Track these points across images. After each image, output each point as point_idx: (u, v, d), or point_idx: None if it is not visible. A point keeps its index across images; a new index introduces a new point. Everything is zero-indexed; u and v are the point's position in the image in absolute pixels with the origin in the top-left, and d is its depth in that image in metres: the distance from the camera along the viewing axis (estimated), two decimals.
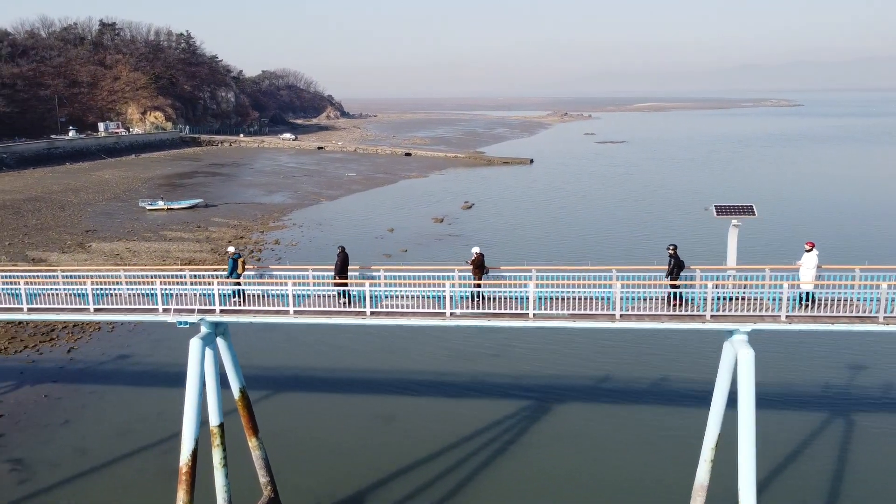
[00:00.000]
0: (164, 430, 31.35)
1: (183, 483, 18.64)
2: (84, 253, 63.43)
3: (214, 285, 19.14)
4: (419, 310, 20.07)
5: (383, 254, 63.99)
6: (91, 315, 20.34)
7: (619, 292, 18.96)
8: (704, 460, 19.80)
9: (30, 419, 32.39)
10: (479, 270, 21.85)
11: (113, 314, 20.72)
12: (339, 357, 39.79)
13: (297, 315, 18.88)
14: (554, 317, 19.11)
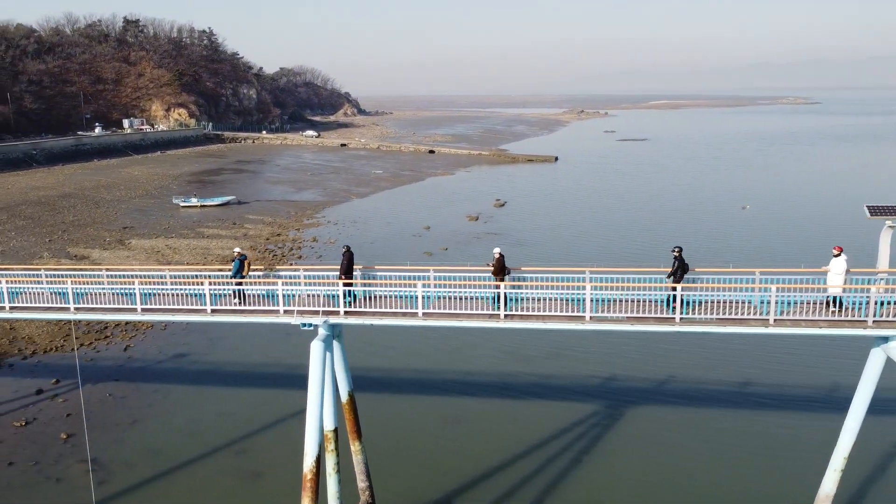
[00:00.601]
0: (234, 430, 31.07)
1: (308, 490, 18.17)
2: (125, 250, 63.34)
3: (340, 286, 18.63)
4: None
5: (424, 252, 63.52)
6: (209, 316, 19.97)
7: (775, 297, 18.42)
8: (833, 469, 19.18)
9: (98, 418, 32.12)
10: (500, 272, 21.57)
11: (231, 315, 20.39)
12: (393, 357, 39.34)
13: (427, 317, 18.37)
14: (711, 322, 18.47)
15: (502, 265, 21.84)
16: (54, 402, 33.92)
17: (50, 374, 37.28)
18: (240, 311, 19.72)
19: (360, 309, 18.71)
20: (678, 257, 20.79)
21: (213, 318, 20.33)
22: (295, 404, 33.42)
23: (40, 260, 59.18)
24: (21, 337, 42.19)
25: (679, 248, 21.02)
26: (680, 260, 20.76)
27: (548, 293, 19.88)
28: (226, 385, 36.39)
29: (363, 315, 18.55)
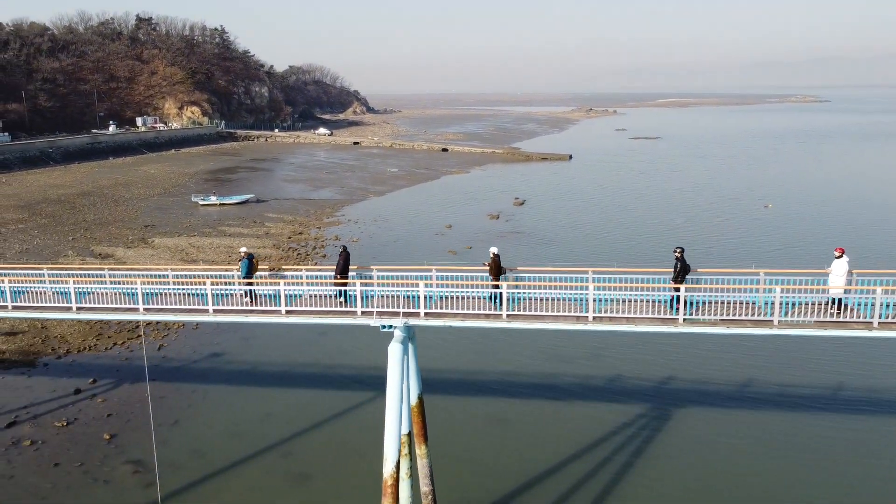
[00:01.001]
0: (277, 431, 30.68)
1: (389, 497, 17.70)
2: (148, 248, 63.06)
3: (421, 287, 18.15)
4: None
5: (448, 250, 63.07)
6: (283, 318, 19.53)
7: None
8: None
9: (139, 419, 31.76)
10: (496, 272, 21.52)
11: (306, 316, 19.98)
12: (433, 358, 38.88)
13: (511, 319, 17.90)
14: None
15: (498, 264, 21.74)
16: (93, 402, 33.60)
17: (85, 373, 36.96)
18: (315, 313, 19.26)
19: (439, 311, 18.23)
20: (680, 258, 20.65)
21: (288, 320, 19.89)
22: (336, 404, 33.22)
23: (65, 258, 59.02)
24: (53, 336, 41.93)
25: (681, 249, 20.85)
26: (682, 261, 20.61)
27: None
28: (264, 385, 36.00)
29: (444, 317, 18.07)
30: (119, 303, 24.50)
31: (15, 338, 41.52)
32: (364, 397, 33.97)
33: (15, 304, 22.44)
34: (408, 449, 18.29)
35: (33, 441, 29.76)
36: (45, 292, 25.35)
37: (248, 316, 20.27)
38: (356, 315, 18.41)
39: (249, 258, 23.80)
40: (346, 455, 28.67)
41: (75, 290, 24.64)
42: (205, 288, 23.17)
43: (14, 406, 33.09)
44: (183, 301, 22.94)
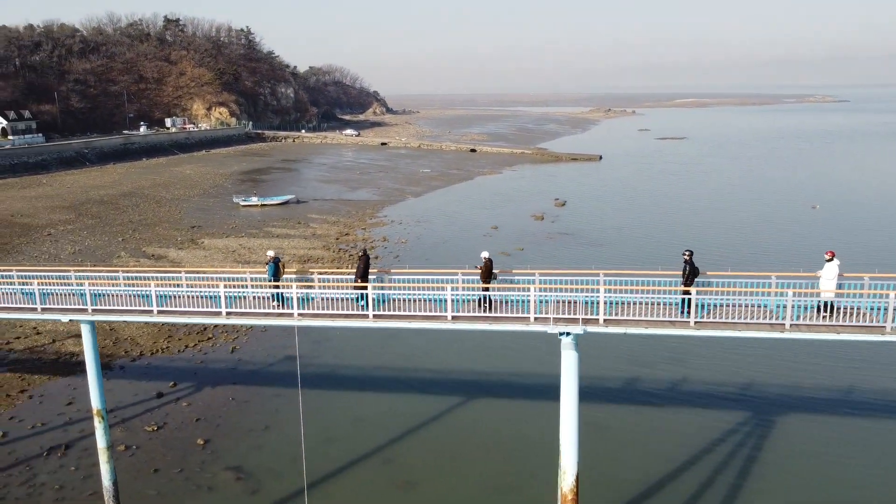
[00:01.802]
0: (371, 436, 30.14)
1: None
2: (199, 249, 62.83)
3: (601, 292, 17.47)
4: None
5: (500, 252, 62.38)
6: (449, 324, 18.97)
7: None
8: None
9: (228, 424, 31.39)
10: (487, 276, 21.74)
11: (475, 322, 19.55)
12: (513, 360, 38.27)
13: (700, 327, 17.23)
14: None
15: (490, 268, 21.92)
16: (178, 406, 33.22)
17: (163, 376, 36.62)
18: (484, 319, 18.61)
19: (621, 317, 17.54)
20: (688, 261, 20.66)
21: (455, 326, 19.13)
22: (423, 408, 32.62)
23: (119, 259, 58.93)
24: (124, 338, 41.70)
25: (690, 252, 20.88)
26: (690, 263, 20.64)
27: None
28: (345, 388, 35.51)
29: (624, 324, 17.39)
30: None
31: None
32: (450, 401, 33.43)
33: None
34: None
35: (128, 446, 29.42)
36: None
37: (406, 321, 19.60)
38: (528, 321, 17.78)
39: (276, 262, 23.71)
40: (450, 461, 28.11)
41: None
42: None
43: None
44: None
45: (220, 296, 23.36)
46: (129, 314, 22.23)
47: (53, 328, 42.38)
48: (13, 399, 33.91)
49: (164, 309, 23.13)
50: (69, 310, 21.27)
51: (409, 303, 21.00)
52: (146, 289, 23.06)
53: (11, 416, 32.10)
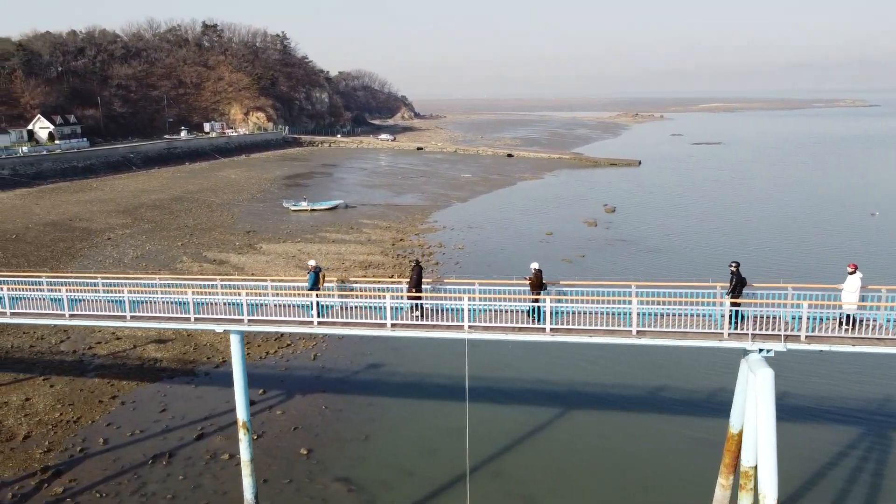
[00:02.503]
0: (474, 448, 29.16)
1: None
2: (259, 254, 62.79)
3: (804, 306, 16.73)
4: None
5: (561, 259, 61.69)
6: (634, 338, 18.43)
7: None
8: None
9: (327, 433, 30.94)
10: (538, 287, 22.06)
11: (663, 338, 18.82)
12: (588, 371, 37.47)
13: None
14: None
15: (540, 279, 22.13)
16: (273, 414, 32.86)
17: (249, 383, 36.22)
18: (670, 334, 17.93)
19: (823, 335, 16.78)
20: (735, 272, 20.50)
21: (640, 341, 18.46)
22: (524, 420, 31.77)
23: (181, 264, 59.04)
24: (202, 344, 41.52)
25: (737, 263, 20.76)
26: (738, 275, 20.48)
27: None
28: (436, 398, 34.90)
29: (828, 341, 16.62)
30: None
31: (166, 345, 41.26)
32: (549, 413, 32.71)
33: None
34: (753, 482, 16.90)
35: (231, 455, 29.03)
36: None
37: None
38: (722, 337, 17.07)
39: (317, 271, 23.91)
40: (565, 476, 27.39)
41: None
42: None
43: (194, 416, 32.54)
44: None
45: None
46: (284, 325, 21.76)
47: (132, 333, 42.41)
48: (106, 405, 33.79)
49: (324, 320, 22.66)
50: (224, 320, 20.91)
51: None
52: (304, 300, 22.88)
53: (108, 423, 31.95)
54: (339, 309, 23.64)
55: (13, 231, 66.46)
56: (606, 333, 19.02)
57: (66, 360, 39.21)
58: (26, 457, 29.03)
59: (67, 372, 37.53)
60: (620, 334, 18.33)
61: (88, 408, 33.36)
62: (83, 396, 34.58)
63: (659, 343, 18.46)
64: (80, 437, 30.59)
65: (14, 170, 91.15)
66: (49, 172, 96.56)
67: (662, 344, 18.58)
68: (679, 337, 17.50)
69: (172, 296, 22.55)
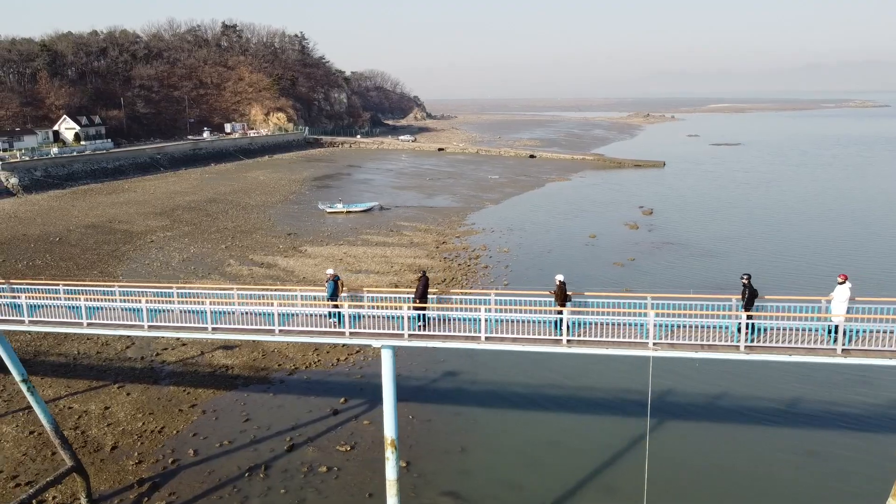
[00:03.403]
0: (573, 461, 28.64)
1: None
2: (304, 257, 62.03)
3: None
4: None
5: (613, 262, 60.85)
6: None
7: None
8: None
9: (421, 444, 30.12)
10: (561, 298, 22.08)
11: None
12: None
13: None
14: None
15: (564, 291, 22.16)
16: (359, 424, 32.06)
17: (327, 391, 35.53)
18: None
19: None
20: (747, 284, 20.82)
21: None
22: (620, 434, 30.78)
23: (230, 267, 58.31)
24: (270, 350, 40.74)
25: (748, 276, 21.15)
26: (749, 287, 20.80)
27: None
28: (522, 408, 34.02)
29: None
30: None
31: (234, 352, 40.50)
32: (654, 426, 31.75)
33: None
34: None
35: (329, 467, 28.26)
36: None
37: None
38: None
39: (335, 280, 23.69)
40: (681, 490, 26.54)
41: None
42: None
43: (280, 427, 31.76)
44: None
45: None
46: (450, 340, 20.67)
47: (198, 339, 41.63)
48: (187, 414, 33.03)
49: (492, 336, 21.17)
50: (381, 335, 20.05)
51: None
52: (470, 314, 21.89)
53: (193, 433, 31.20)
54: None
55: (56, 233, 65.82)
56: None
57: (135, 366, 38.50)
58: (118, 468, 28.31)
59: (140, 379, 36.83)
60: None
61: (170, 417, 32.63)
62: (161, 405, 33.86)
63: (826, 361, 17.64)
64: (168, 448, 29.86)
65: (46, 171, 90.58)
66: (80, 174, 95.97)
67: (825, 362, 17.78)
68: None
69: (319, 309, 21.78)
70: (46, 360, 38.99)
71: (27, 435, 30.79)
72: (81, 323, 23.45)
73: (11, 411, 32.87)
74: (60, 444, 24.22)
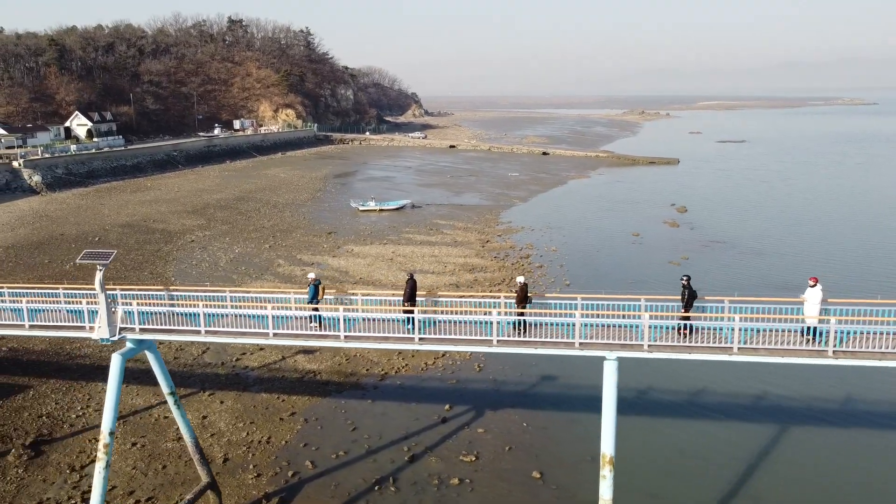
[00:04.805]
0: (709, 471, 27.67)
1: None
2: (354, 257, 60.58)
3: None
4: None
5: (667, 261, 60.01)
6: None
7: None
8: None
9: (546, 454, 28.94)
10: (522, 300, 22.46)
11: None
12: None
13: None
14: None
15: (525, 293, 22.53)
16: (474, 432, 30.81)
17: (427, 398, 34.26)
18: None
19: None
20: (686, 286, 21.55)
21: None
22: (750, 440, 29.80)
23: (280, 267, 56.80)
24: (352, 355, 39.35)
25: (687, 277, 21.88)
26: (689, 288, 21.47)
27: None
28: (634, 414, 32.95)
29: None
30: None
31: (316, 356, 39.13)
32: (792, 435, 30.88)
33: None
34: None
35: (460, 479, 27.04)
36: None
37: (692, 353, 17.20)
38: None
39: (316, 284, 23.82)
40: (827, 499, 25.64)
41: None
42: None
43: (392, 436, 30.48)
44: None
45: None
46: (695, 351, 19.64)
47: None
48: (289, 423, 31.65)
49: (745, 347, 20.17)
50: (615, 345, 18.78)
51: None
52: None
53: (303, 443, 29.82)
54: None
55: (93, 233, 63.86)
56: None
57: (219, 373, 37.01)
58: (238, 483, 26.92)
59: (228, 386, 35.36)
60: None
61: (273, 426, 31.24)
62: (259, 413, 32.45)
63: None
64: (282, 460, 28.50)
65: (67, 168, 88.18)
66: (100, 171, 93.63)
67: None
68: None
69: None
70: (126, 366, 37.31)
71: (129, 447, 29.34)
72: (199, 331, 22.06)
73: None
74: (199, 459, 22.86)
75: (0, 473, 27.02)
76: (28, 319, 21.56)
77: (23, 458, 27.98)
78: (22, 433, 29.90)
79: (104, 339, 21.12)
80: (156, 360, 22.60)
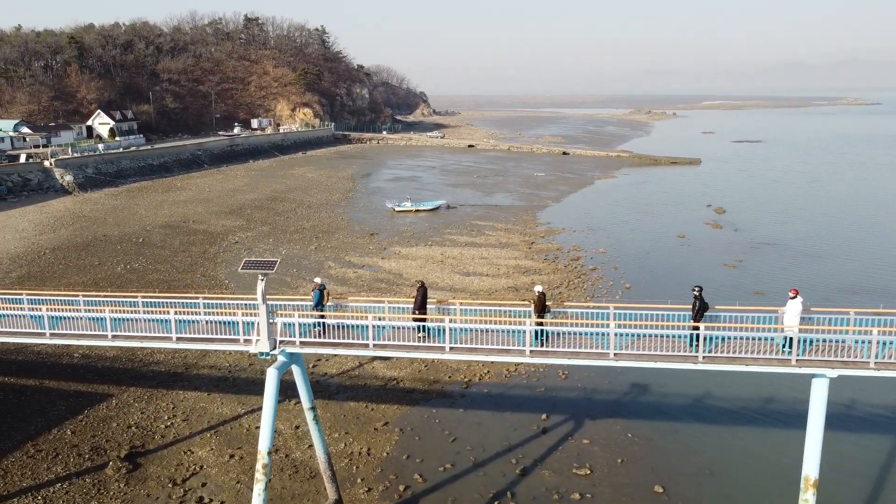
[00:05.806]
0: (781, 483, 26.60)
1: None
2: (403, 259, 59.57)
3: None
4: None
5: (723, 263, 59.04)
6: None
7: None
8: None
9: (661, 467, 27.85)
10: (541, 310, 22.41)
11: None
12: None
13: None
14: None
15: (543, 302, 22.39)
16: (579, 443, 29.76)
17: (517, 406, 33.25)
18: None
19: None
20: (698, 297, 21.64)
21: None
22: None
23: (332, 270, 55.83)
24: (430, 360, 38.29)
25: (699, 288, 21.96)
26: (700, 299, 21.59)
27: None
28: (729, 424, 31.94)
29: None
30: None
31: (393, 363, 38.07)
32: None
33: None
34: None
35: (581, 494, 26.01)
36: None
37: None
38: None
39: (321, 289, 23.59)
40: None
41: None
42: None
43: (494, 448, 29.44)
44: None
45: None
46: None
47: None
48: (384, 433, 30.59)
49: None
50: (835, 363, 17.74)
51: None
52: None
53: (405, 455, 28.78)
54: None
55: (135, 234, 62.76)
56: None
57: (293, 379, 35.86)
58: (350, 498, 25.85)
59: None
60: None
61: (370, 437, 30.20)
62: (352, 423, 31.43)
63: None
64: (389, 473, 27.45)
65: (97, 168, 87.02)
66: (128, 171, 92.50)
67: None
68: None
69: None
70: (201, 374, 36.38)
71: (227, 459, 28.31)
72: (367, 344, 21.08)
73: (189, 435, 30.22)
74: (329, 477, 21.94)
75: (102, 488, 25.99)
76: (175, 331, 20.50)
77: (122, 472, 26.94)
78: (115, 445, 28.86)
79: (263, 353, 20.16)
80: (301, 373, 21.67)
